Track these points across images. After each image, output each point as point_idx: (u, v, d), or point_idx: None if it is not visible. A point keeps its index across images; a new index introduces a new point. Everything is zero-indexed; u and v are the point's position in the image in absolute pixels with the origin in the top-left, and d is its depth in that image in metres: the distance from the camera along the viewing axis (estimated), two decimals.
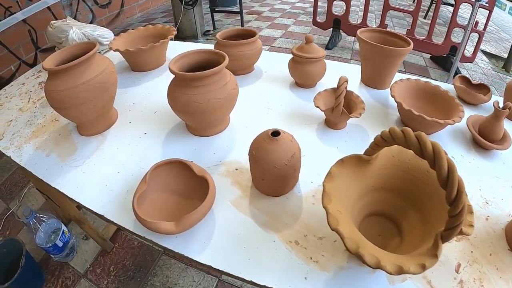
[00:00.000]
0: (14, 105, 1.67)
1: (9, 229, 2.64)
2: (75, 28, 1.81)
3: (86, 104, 1.12)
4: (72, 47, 1.19)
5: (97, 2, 5.94)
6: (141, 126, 1.31)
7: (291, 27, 5.63)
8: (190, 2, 4.69)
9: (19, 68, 5.03)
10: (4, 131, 1.48)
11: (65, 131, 1.34)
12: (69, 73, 1.06)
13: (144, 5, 7.01)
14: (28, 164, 1.22)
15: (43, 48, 5.33)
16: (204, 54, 1.17)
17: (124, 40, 1.67)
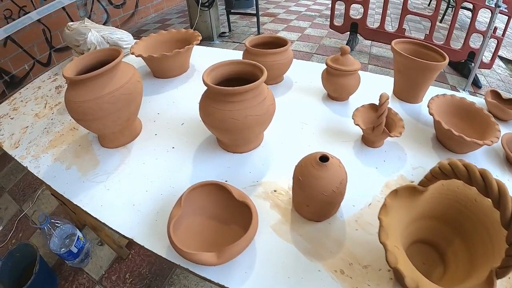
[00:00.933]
0: (29, 110, 1.60)
1: (22, 231, 2.61)
2: (93, 30, 1.73)
3: (110, 117, 1.04)
4: (94, 53, 1.11)
5: (111, 2, 5.91)
6: (168, 139, 1.23)
7: (307, 30, 5.54)
8: (206, 3, 4.63)
9: (33, 68, 5.03)
10: (19, 138, 1.41)
11: (85, 142, 1.26)
12: (92, 83, 0.98)
13: (159, 5, 6.97)
14: (46, 177, 1.14)
15: (58, 48, 5.31)
16: (239, 65, 1.08)
17: (145, 44, 1.59)
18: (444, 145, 1.15)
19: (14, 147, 1.36)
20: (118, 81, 1.02)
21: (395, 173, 1.04)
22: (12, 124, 1.54)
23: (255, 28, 5.36)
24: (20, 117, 1.57)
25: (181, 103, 1.43)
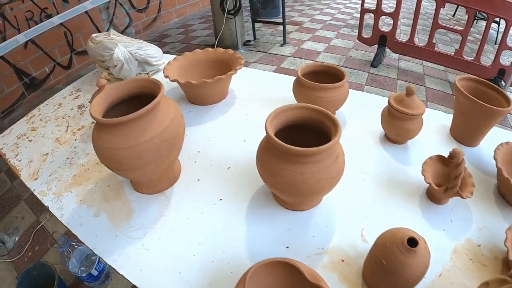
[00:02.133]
0: (49, 131, 1.47)
1: (38, 244, 2.54)
2: (120, 45, 1.59)
3: (149, 166, 0.88)
4: (127, 84, 0.95)
5: (134, 6, 5.86)
6: (213, 188, 1.05)
7: (334, 41, 5.37)
8: (232, 11, 4.51)
9: (54, 70, 4.99)
10: (39, 168, 1.27)
11: (115, 182, 1.10)
12: (127, 127, 0.82)
13: (181, 10, 6.90)
14: (72, 223, 0.99)
15: (79, 51, 5.26)
16: (305, 111, 0.90)
17: (179, 65, 1.42)
18: (505, 198, 1.02)
19: (33, 178, 1.23)
20: (159, 124, 0.85)
21: (462, 236, 0.90)
22: (30, 148, 1.40)
23: (281, 37, 5.21)
24: (39, 140, 1.44)
25: (224, 140, 1.25)
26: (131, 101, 0.96)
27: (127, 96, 0.95)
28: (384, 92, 3.78)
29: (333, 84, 1.18)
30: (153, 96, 0.88)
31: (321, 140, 0.83)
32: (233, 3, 4.51)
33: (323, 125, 0.87)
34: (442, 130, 1.31)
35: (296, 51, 4.87)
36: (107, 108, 0.90)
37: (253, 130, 1.17)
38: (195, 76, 1.42)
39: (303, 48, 4.99)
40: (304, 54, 4.73)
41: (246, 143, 1.16)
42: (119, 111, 0.93)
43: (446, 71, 4.39)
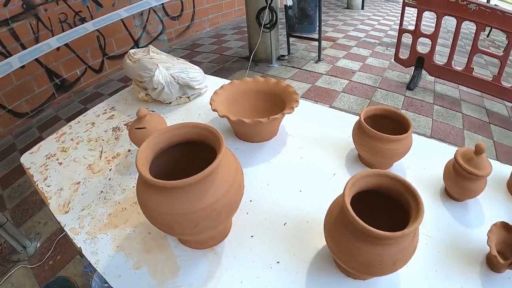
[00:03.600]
0: (81, 156, 1.38)
1: (60, 254, 2.52)
2: (161, 67, 1.48)
3: (205, 232, 0.77)
4: (181, 129, 0.84)
5: (167, 13, 5.88)
6: (269, 246, 0.92)
7: (369, 59, 5.22)
8: (268, 25, 4.45)
9: (85, 73, 5.03)
10: (70, 199, 1.17)
11: (157, 230, 0.96)
12: (184, 191, 0.70)
13: (214, 20, 6.90)
14: (108, 273, 0.89)
15: (111, 56, 5.27)
16: (382, 178, 0.77)
17: (227, 94, 1.30)
18: None
19: (64, 211, 1.13)
20: (219, 188, 0.73)
21: None
22: (61, 173, 1.31)
23: (315, 53, 5.09)
24: (70, 165, 1.34)
25: (278, 188, 1.10)
26: (181, 146, 0.84)
27: (177, 142, 0.84)
28: (420, 118, 3.63)
29: (398, 136, 1.04)
30: (208, 144, 0.78)
31: (396, 210, 0.76)
32: (269, 17, 4.45)
33: (402, 197, 0.76)
34: (498, 184, 1.16)
35: (331, 68, 4.75)
36: (155, 156, 0.79)
37: (309, 178, 1.07)
38: (244, 107, 1.30)
39: (338, 66, 4.87)
40: (339, 73, 4.60)
41: (302, 194, 1.03)
42: (166, 158, 0.82)
43: (482, 97, 4.20)
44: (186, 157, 0.90)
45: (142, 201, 0.74)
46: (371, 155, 1.08)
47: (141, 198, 0.75)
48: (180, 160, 0.90)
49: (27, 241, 2.65)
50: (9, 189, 3.45)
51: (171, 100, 1.54)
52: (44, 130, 4.38)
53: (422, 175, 1.17)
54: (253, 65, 4.74)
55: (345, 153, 1.19)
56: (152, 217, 0.74)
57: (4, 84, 4.20)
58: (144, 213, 0.76)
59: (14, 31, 4.26)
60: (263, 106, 1.32)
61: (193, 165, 0.91)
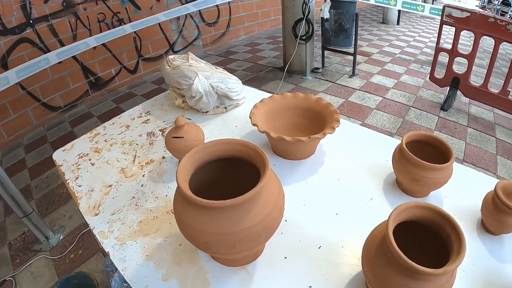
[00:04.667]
0: (114, 159, 1.37)
1: (82, 248, 2.56)
2: (201, 76, 1.47)
3: (241, 253, 0.74)
4: (223, 145, 0.82)
5: (204, 19, 5.96)
6: (302, 270, 0.87)
7: (403, 77, 5.13)
8: (304, 36, 4.44)
9: (119, 73, 5.14)
10: (100, 201, 1.16)
11: (189, 243, 0.91)
12: (225, 211, 0.67)
13: (250, 28, 6.96)
14: (135, 282, 0.87)
15: (146, 57, 5.35)
16: (428, 212, 0.73)
17: (266, 109, 1.28)
18: None
19: (94, 213, 1.12)
20: (261, 210, 0.70)
21: None
22: (92, 174, 1.31)
23: (349, 68, 5.04)
24: (103, 167, 1.34)
25: (314, 208, 1.06)
26: (220, 161, 0.83)
27: (218, 158, 0.82)
28: (453, 140, 3.54)
29: (440, 165, 0.99)
30: (249, 162, 0.76)
31: (430, 241, 0.74)
32: (305, 29, 4.44)
33: (443, 231, 0.72)
34: None
35: (365, 84, 4.69)
36: (196, 170, 0.77)
37: (346, 201, 1.04)
38: (282, 123, 1.28)
39: (372, 82, 4.80)
40: (373, 89, 4.54)
41: (338, 217, 0.99)
42: (203, 172, 0.80)
43: None
44: (223, 172, 0.87)
45: (179, 215, 0.72)
46: (410, 181, 1.04)
47: (178, 212, 0.73)
48: (217, 175, 0.87)
49: (51, 232, 2.70)
50: (37, 179, 3.53)
51: (208, 110, 1.53)
52: (76, 126, 4.46)
53: (459, 205, 1.11)
54: (286, 76, 4.72)
55: (383, 177, 1.14)
56: (188, 233, 0.72)
57: (41, 78, 4.33)
58: (180, 227, 0.74)
59: (53, 27, 4.40)
60: (302, 123, 1.29)
61: (229, 181, 0.89)
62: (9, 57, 4.15)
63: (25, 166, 3.82)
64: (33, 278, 2.45)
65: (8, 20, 4.07)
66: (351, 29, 4.71)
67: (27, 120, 4.49)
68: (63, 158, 1.45)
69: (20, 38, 4.24)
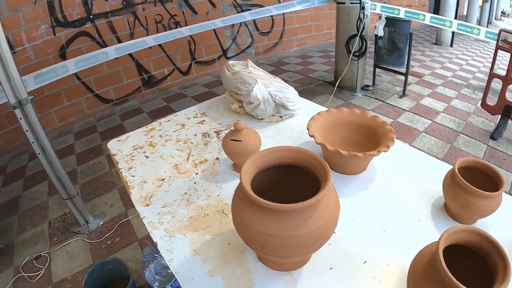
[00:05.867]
0: (169, 154, 1.41)
1: (120, 237, 2.63)
2: (260, 83, 1.50)
3: (293, 258, 0.77)
4: (287, 152, 0.83)
5: (258, 28, 6.05)
6: (345, 283, 0.87)
7: (454, 101, 5.00)
8: (357, 53, 4.41)
9: (172, 73, 5.30)
10: (152, 193, 1.20)
11: (237, 243, 0.96)
12: (286, 215, 0.69)
13: (302, 40, 6.99)
14: (181, 274, 0.89)
15: (199, 61, 5.47)
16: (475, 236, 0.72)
17: (323, 122, 1.29)
18: None
19: (145, 203, 1.16)
20: (320, 217, 0.72)
21: None
22: (146, 166, 1.36)
23: (400, 88, 4.96)
24: (157, 160, 1.39)
25: (362, 224, 1.06)
26: (280, 167, 0.85)
27: (279, 164, 0.84)
28: (501, 171, 3.40)
29: (491, 193, 0.97)
30: (309, 171, 0.79)
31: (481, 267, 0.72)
32: (359, 45, 4.42)
33: (489, 258, 0.71)
34: None
35: (415, 106, 4.60)
36: (257, 173, 0.79)
37: (394, 220, 1.04)
38: (336, 137, 1.28)
39: (422, 104, 4.71)
40: (422, 112, 4.45)
41: (385, 235, 0.99)
42: (262, 176, 0.82)
43: None
44: (280, 177, 0.89)
45: (238, 214, 0.75)
46: (459, 207, 1.02)
47: (237, 211, 0.75)
48: (274, 180, 0.89)
49: (91, 217, 2.80)
50: (84, 165, 3.68)
51: (264, 117, 1.55)
52: (126, 119, 4.61)
53: (505, 236, 1.08)
54: (336, 91, 4.70)
55: (431, 201, 1.13)
56: (245, 233, 0.74)
57: (96, 70, 4.55)
58: (237, 226, 0.77)
59: (111, 24, 4.63)
60: (355, 139, 1.29)
61: (285, 187, 0.90)
62: (67, 47, 4.39)
63: (73, 151, 4.00)
64: (68, 257, 2.55)
65: (70, 14, 4.32)
66: (404, 49, 4.65)
67: (79, 109, 4.71)
68: (117, 148, 1.51)
69: (79, 31, 4.48)
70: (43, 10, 4.15)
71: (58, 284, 2.35)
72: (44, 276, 2.44)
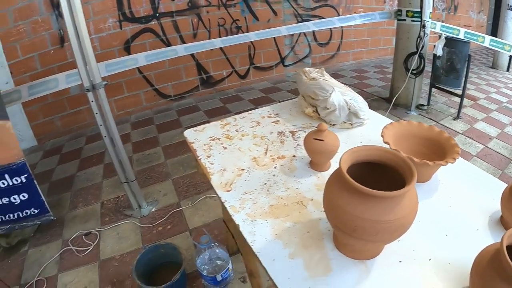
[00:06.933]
0: (247, 148, 1.53)
1: (171, 225, 2.73)
2: (337, 90, 1.60)
3: (376, 243, 0.88)
4: (380, 151, 0.94)
5: (316, 39, 6.13)
6: (413, 276, 0.94)
7: (507, 128, 4.87)
8: (415, 71, 4.40)
9: (230, 76, 5.48)
10: (233, 181, 1.31)
11: (316, 231, 1.06)
12: (378, 201, 0.80)
13: (358, 55, 7.01)
14: (263, 254, 0.99)
15: (256, 66, 5.60)
16: None
17: (394, 132, 1.37)
18: None
19: (225, 189, 1.27)
20: (405, 208, 0.82)
21: None
22: (224, 156, 1.48)
23: (454, 110, 4.90)
24: (235, 152, 1.51)
25: (427, 227, 1.12)
26: (366, 164, 0.96)
27: (368, 160, 0.94)
28: None
29: None
30: (395, 169, 0.90)
31: None
32: (417, 63, 4.41)
33: None
34: None
35: (468, 129, 4.55)
36: (351, 165, 0.90)
37: (455, 226, 1.11)
38: (405, 147, 1.35)
39: (476, 128, 4.64)
40: (476, 136, 4.39)
41: (447, 238, 1.07)
42: (352, 170, 0.92)
43: None
44: (367, 173, 0.98)
45: (333, 199, 0.86)
46: None
47: (331, 196, 0.87)
48: (362, 174, 0.98)
49: (144, 202, 2.92)
50: (139, 154, 3.87)
51: (336, 123, 1.63)
52: (182, 115, 4.79)
53: None
54: (391, 108, 4.70)
55: (489, 214, 1.18)
56: (338, 215, 0.85)
57: (158, 66, 4.79)
58: (330, 209, 0.88)
59: (176, 23, 4.87)
60: (421, 151, 1.37)
61: (369, 184, 1.00)
62: (132, 42, 4.67)
63: (129, 140, 4.21)
64: (118, 238, 2.68)
65: (137, 10, 4.59)
66: (462, 70, 4.58)
67: (137, 100, 4.97)
68: (194, 137, 1.65)
69: (144, 28, 4.75)
70: (112, 5, 4.44)
71: (105, 262, 2.48)
72: (92, 252, 2.58)
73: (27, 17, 4.03)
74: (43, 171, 3.76)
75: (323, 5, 6.02)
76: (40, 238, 2.82)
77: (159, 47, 4.65)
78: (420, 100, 4.98)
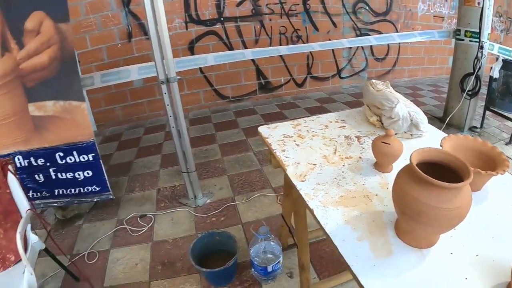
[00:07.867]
0: (317, 147, 1.71)
1: (225, 217, 2.88)
2: (402, 102, 1.77)
3: (434, 229, 1.05)
4: (442, 154, 1.13)
5: (373, 53, 6.20)
6: (459, 269, 1.06)
7: None
8: (470, 92, 4.41)
9: (287, 83, 5.68)
10: (306, 172, 1.50)
11: (380, 221, 1.21)
12: (442, 191, 0.98)
13: (413, 72, 6.99)
14: (334, 235, 1.16)
15: (314, 76, 5.75)
16: None
17: (451, 143, 1.51)
18: None
19: (300, 179, 1.46)
20: (462, 199, 0.99)
21: None
22: (297, 152, 1.66)
23: (507, 134, 4.82)
24: (306, 149, 1.69)
25: (476, 228, 1.23)
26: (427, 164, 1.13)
27: (429, 161, 1.12)
28: None
29: None
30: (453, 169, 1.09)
31: None
32: (473, 84, 4.41)
33: None
34: None
35: None
36: (419, 162, 1.09)
37: (501, 231, 1.22)
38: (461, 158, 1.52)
39: None
40: None
41: (493, 240, 1.20)
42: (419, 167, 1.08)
43: None
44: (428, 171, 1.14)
45: (403, 187, 1.05)
46: None
47: (402, 185, 1.05)
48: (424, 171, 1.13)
49: (200, 193, 3.10)
50: (196, 149, 4.05)
51: (398, 132, 1.76)
52: (239, 117, 5.00)
53: None
54: (444, 128, 4.70)
55: None
56: (406, 201, 1.03)
57: (218, 68, 5.09)
58: (400, 196, 1.06)
59: (239, 28, 5.15)
60: (475, 164, 1.48)
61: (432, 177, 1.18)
62: (196, 43, 4.98)
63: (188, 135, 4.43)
64: (172, 223, 2.86)
65: (203, 13, 4.92)
66: None
67: (196, 98, 5.29)
68: (268, 133, 1.85)
69: (209, 30, 5.05)
70: (179, 6, 4.78)
71: (158, 243, 2.66)
72: (146, 233, 2.78)
73: (98, 11, 4.42)
74: (102, 155, 4.02)
75: (382, 20, 6.10)
76: (95, 215, 3.06)
77: (222, 49, 4.98)
78: (473, 122, 4.92)
